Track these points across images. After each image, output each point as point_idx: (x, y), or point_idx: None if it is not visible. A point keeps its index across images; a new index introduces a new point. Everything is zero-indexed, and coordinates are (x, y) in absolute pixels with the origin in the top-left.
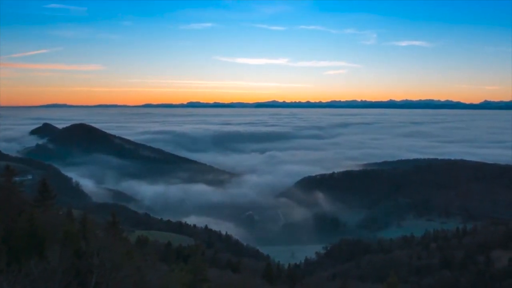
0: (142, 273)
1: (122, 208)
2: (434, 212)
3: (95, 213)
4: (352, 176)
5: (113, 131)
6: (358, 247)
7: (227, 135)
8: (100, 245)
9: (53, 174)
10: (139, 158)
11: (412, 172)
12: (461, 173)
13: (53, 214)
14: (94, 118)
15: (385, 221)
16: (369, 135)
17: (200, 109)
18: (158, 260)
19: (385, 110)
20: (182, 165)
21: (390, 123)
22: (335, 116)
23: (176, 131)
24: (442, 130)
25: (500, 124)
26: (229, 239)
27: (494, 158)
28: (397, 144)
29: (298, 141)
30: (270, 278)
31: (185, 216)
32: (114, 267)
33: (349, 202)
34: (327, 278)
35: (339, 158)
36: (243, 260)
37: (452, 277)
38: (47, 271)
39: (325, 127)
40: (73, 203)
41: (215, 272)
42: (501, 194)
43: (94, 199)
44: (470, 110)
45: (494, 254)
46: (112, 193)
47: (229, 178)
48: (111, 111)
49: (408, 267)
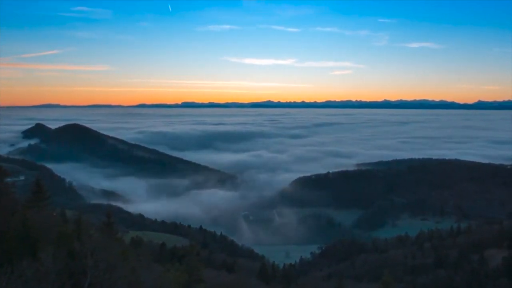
0: (136, 274)
1: (116, 208)
2: (429, 211)
3: (89, 214)
4: (347, 176)
5: (106, 132)
6: (353, 247)
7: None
8: (94, 245)
9: (46, 175)
10: (133, 158)
11: (407, 172)
12: (456, 173)
13: (47, 215)
14: (90, 118)
15: (380, 221)
16: (336, 134)
17: (195, 109)
18: (152, 261)
19: (378, 110)
20: (176, 165)
21: (360, 123)
22: (321, 116)
23: (159, 131)
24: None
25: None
26: (224, 239)
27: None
28: (359, 145)
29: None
30: (265, 278)
31: (179, 216)
32: (109, 268)
33: (344, 202)
34: (322, 278)
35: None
36: (238, 260)
37: (447, 276)
38: (40, 272)
39: (301, 127)
40: (67, 203)
41: (210, 273)
42: (495, 194)
43: (87, 200)
44: (464, 110)
45: (488, 253)
46: (106, 194)
47: (224, 178)
48: (104, 111)
49: (403, 267)
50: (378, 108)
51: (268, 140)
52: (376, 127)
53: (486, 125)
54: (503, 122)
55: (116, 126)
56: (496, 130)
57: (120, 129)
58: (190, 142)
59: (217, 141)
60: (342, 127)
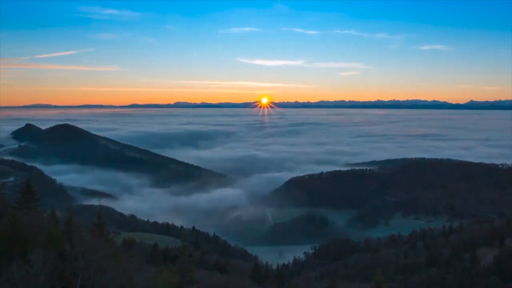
0: (128, 276)
1: (108, 209)
2: (421, 211)
3: (80, 215)
4: (340, 176)
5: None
6: (346, 247)
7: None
8: (85, 247)
9: (36, 176)
10: (125, 158)
11: (399, 172)
12: (447, 173)
13: (37, 216)
14: (87, 118)
15: (373, 220)
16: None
17: (188, 109)
18: (145, 262)
19: (370, 110)
20: (168, 166)
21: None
22: (311, 116)
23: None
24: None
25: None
26: (217, 240)
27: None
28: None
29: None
30: (258, 279)
31: (172, 217)
32: (100, 270)
33: (337, 201)
34: (315, 278)
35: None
36: (231, 261)
37: (438, 274)
38: (30, 275)
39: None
40: (57, 205)
41: (203, 273)
42: (486, 193)
43: (78, 201)
44: (456, 110)
45: (480, 251)
46: (97, 195)
47: (217, 178)
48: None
49: (395, 266)
50: (371, 108)
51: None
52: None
53: (478, 125)
54: (495, 122)
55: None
56: (488, 130)
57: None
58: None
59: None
60: (325, 127)
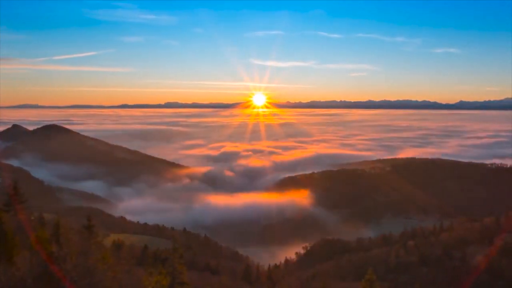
0: (118, 278)
1: (97, 211)
2: (412, 210)
3: (68, 217)
4: (331, 176)
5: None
6: (338, 246)
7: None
8: (73, 250)
9: (23, 177)
10: (114, 159)
11: (390, 171)
12: (438, 172)
13: (24, 219)
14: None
15: (364, 220)
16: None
17: (178, 109)
18: (134, 264)
19: (361, 110)
20: (158, 166)
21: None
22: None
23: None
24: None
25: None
26: (208, 241)
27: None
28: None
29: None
30: (249, 280)
31: (162, 218)
32: (88, 273)
33: (328, 201)
34: (307, 278)
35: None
36: (222, 262)
37: (429, 273)
38: (16, 278)
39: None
40: (45, 206)
41: (194, 275)
42: (476, 192)
43: (67, 203)
44: (446, 110)
45: (470, 250)
46: (86, 196)
47: (200, 177)
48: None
49: (387, 265)
50: (362, 108)
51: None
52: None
53: (466, 124)
54: (485, 122)
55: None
56: (476, 130)
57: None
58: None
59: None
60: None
